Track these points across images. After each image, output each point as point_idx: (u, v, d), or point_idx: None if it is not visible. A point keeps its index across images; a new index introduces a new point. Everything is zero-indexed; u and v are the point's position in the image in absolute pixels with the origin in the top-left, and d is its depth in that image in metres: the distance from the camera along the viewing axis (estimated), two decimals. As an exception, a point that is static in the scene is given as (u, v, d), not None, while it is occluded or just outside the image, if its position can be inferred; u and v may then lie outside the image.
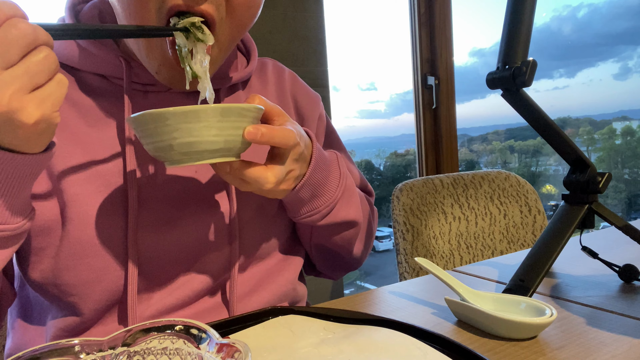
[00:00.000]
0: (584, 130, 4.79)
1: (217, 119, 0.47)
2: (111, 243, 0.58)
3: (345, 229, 0.70)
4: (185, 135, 0.47)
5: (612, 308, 0.59)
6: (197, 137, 0.47)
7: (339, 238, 0.71)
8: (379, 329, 0.51)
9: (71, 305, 0.59)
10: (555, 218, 0.67)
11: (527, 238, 1.32)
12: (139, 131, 0.49)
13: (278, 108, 0.56)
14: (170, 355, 0.36)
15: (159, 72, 0.58)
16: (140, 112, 0.47)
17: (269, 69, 0.76)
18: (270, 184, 0.53)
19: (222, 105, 0.48)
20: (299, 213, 0.65)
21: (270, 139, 0.51)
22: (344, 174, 0.67)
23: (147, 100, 0.63)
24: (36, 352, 0.32)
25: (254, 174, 0.52)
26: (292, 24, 1.63)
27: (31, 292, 0.63)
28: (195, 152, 0.48)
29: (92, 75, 0.62)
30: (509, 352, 0.48)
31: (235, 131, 0.49)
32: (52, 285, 0.58)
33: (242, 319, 0.56)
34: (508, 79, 0.59)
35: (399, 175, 3.81)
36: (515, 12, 0.60)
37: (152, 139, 0.48)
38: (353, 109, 3.83)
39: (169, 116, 0.46)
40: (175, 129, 0.46)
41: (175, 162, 0.49)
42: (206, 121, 0.47)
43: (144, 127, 0.47)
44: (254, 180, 0.52)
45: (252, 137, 0.49)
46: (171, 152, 0.48)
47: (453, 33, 2.03)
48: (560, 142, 0.65)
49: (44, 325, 0.62)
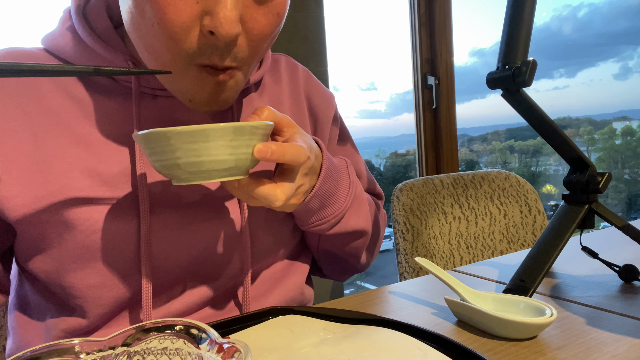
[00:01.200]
0: (584, 130, 4.79)
1: (228, 137, 0.46)
2: (120, 249, 0.56)
3: (354, 239, 0.70)
4: (192, 155, 0.45)
5: (612, 308, 0.59)
6: (205, 157, 0.46)
7: (347, 247, 0.71)
8: (379, 329, 0.51)
9: (76, 308, 0.58)
10: (555, 218, 0.67)
11: (527, 238, 1.32)
12: (145, 148, 0.48)
13: (287, 119, 0.55)
14: (170, 355, 0.36)
15: (192, 100, 0.56)
16: (147, 130, 0.46)
17: (282, 65, 0.74)
18: (280, 202, 0.51)
19: (232, 124, 0.46)
20: (307, 222, 0.64)
21: (280, 157, 0.49)
22: (354, 182, 0.67)
23: (156, 103, 0.61)
24: (36, 352, 0.32)
25: (263, 192, 0.50)
26: (292, 24, 1.63)
27: (29, 291, 0.62)
28: (203, 172, 0.47)
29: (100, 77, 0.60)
30: (509, 352, 0.48)
31: (245, 149, 0.47)
32: (57, 287, 0.58)
33: (242, 319, 0.56)
34: (508, 79, 0.59)
35: (399, 175, 3.81)
36: (515, 12, 0.60)
37: (159, 157, 0.47)
38: (353, 109, 3.83)
39: (173, 135, 0.44)
40: (182, 148, 0.45)
41: (183, 180, 0.48)
42: (214, 141, 0.45)
43: (151, 145, 0.46)
44: (263, 198, 0.51)
45: (262, 155, 0.48)
46: (178, 170, 0.47)
47: (453, 33, 2.04)
48: (560, 142, 0.65)
49: (44, 324, 0.62)
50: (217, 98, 0.55)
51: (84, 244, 0.55)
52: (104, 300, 0.57)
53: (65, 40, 0.60)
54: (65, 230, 0.55)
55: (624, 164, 4.83)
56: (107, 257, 0.56)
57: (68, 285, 0.57)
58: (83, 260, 0.56)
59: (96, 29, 0.60)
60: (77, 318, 0.59)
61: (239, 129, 0.46)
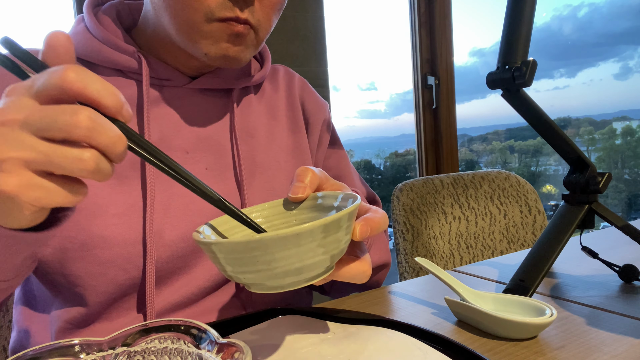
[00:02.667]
0: (584, 130, 4.79)
1: (343, 227, 0.40)
2: (123, 236, 0.58)
3: (376, 272, 0.70)
4: (289, 263, 0.38)
5: (612, 308, 0.59)
6: (302, 262, 0.38)
7: (369, 281, 0.71)
8: (379, 329, 0.51)
9: (77, 297, 0.59)
10: (555, 218, 0.67)
11: (527, 238, 1.32)
12: (225, 259, 0.39)
13: (323, 173, 0.50)
14: (170, 355, 0.36)
15: (208, 54, 0.60)
16: (232, 240, 0.38)
17: (280, 74, 0.79)
18: (368, 276, 0.46)
19: (337, 216, 0.38)
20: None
21: (376, 231, 0.45)
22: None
23: (163, 93, 0.65)
24: (36, 352, 0.32)
25: (351, 273, 0.45)
26: (292, 24, 1.63)
27: (35, 283, 0.63)
28: (301, 281, 0.40)
29: (108, 69, 0.64)
30: (509, 352, 0.48)
31: (347, 237, 0.41)
32: (59, 275, 0.58)
33: (242, 319, 0.56)
34: (508, 79, 0.59)
35: (399, 175, 3.81)
36: (515, 12, 0.60)
37: (245, 268, 0.39)
38: (353, 109, 3.83)
39: (270, 243, 0.36)
40: (278, 256, 0.37)
41: (272, 289, 0.41)
42: (312, 242, 0.38)
43: (236, 257, 0.38)
44: (351, 279, 0.45)
45: (364, 235, 0.43)
46: (275, 280, 0.39)
47: (453, 33, 2.04)
48: (560, 142, 0.65)
49: (49, 316, 0.62)
50: (231, 52, 0.60)
51: (86, 229, 0.56)
52: (102, 287, 0.58)
53: (77, 38, 0.64)
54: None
55: (624, 164, 4.83)
56: (107, 244, 0.57)
57: (69, 274, 0.57)
58: (85, 247, 0.57)
59: (107, 29, 0.65)
60: (79, 307, 0.59)
61: (349, 216, 0.40)
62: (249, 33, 0.60)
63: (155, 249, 0.58)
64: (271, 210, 0.49)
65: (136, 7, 0.71)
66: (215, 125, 0.67)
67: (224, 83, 0.68)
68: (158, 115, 0.64)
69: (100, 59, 0.63)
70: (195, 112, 0.66)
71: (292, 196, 0.47)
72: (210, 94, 0.69)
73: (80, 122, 0.31)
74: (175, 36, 0.61)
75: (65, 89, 0.32)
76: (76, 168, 0.32)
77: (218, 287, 0.65)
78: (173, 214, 0.61)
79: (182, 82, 0.66)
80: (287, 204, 0.49)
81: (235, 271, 0.39)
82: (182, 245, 0.61)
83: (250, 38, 0.61)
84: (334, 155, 0.81)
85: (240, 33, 0.59)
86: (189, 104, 0.66)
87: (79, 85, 0.32)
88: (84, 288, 0.58)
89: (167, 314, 0.61)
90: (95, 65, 0.64)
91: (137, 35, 0.68)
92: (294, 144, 0.74)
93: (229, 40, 0.59)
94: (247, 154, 0.68)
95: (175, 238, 0.60)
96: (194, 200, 0.62)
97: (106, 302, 0.59)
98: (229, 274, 0.40)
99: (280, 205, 0.49)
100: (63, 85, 0.32)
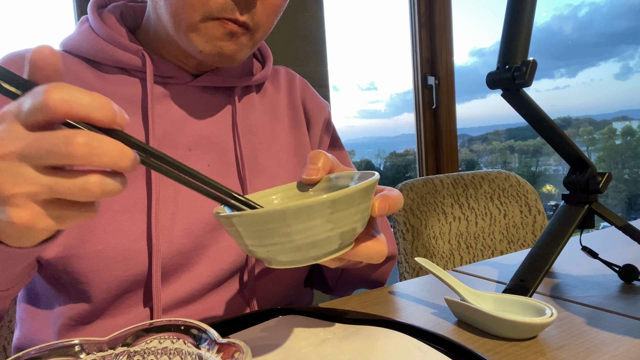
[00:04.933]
0: (584, 130, 4.79)
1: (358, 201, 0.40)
2: (128, 232, 0.58)
3: (381, 264, 0.70)
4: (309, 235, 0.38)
5: (612, 308, 0.59)
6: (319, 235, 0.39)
7: (374, 274, 0.71)
8: (379, 329, 0.51)
9: (81, 294, 0.59)
10: (555, 218, 0.67)
11: (527, 238, 1.32)
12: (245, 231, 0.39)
13: (335, 159, 0.51)
14: (170, 355, 0.36)
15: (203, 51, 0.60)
16: (252, 212, 0.38)
17: (281, 75, 0.80)
18: (384, 256, 0.46)
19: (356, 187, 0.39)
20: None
21: (394, 209, 0.45)
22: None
23: (166, 91, 0.66)
24: (36, 352, 0.32)
25: (368, 252, 0.45)
26: (292, 24, 1.63)
27: (38, 280, 0.63)
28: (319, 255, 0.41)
29: (112, 68, 0.65)
30: (509, 352, 0.48)
31: (367, 212, 0.42)
32: (63, 272, 0.58)
33: (242, 319, 0.56)
34: (508, 79, 0.59)
35: (399, 175, 3.81)
36: (515, 12, 0.60)
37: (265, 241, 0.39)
38: (353, 108, 3.82)
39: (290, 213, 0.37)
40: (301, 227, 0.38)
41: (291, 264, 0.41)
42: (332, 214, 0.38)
43: (255, 229, 0.38)
44: (368, 258, 0.45)
45: (382, 212, 0.44)
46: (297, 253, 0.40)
47: (453, 33, 2.03)
48: (560, 142, 0.65)
49: (52, 313, 0.62)
50: (226, 49, 0.60)
51: (89, 224, 0.57)
52: (105, 284, 0.58)
53: (82, 37, 0.65)
54: None
55: (624, 164, 4.83)
56: (110, 240, 0.57)
57: (73, 271, 0.57)
58: (88, 245, 0.57)
59: (111, 28, 0.66)
60: (83, 304, 0.59)
61: (368, 189, 0.40)
62: (244, 33, 0.60)
63: (161, 244, 0.59)
64: (287, 193, 0.50)
65: (139, 9, 0.72)
66: (218, 123, 0.68)
67: (226, 81, 0.69)
68: (161, 113, 0.64)
69: (104, 58, 0.64)
70: (198, 110, 0.67)
71: (306, 178, 0.48)
72: (213, 92, 0.69)
73: (76, 151, 0.30)
74: (173, 34, 0.62)
75: (51, 113, 0.30)
76: (83, 196, 0.32)
77: (221, 284, 0.65)
78: (177, 209, 0.61)
79: (185, 80, 0.67)
80: (301, 186, 0.50)
81: (254, 244, 0.40)
82: (185, 241, 0.61)
83: (245, 38, 0.61)
84: (335, 155, 0.81)
85: (234, 32, 0.59)
86: (192, 102, 0.67)
87: (64, 106, 0.30)
88: (88, 285, 0.58)
89: (171, 310, 0.61)
90: (100, 64, 0.65)
91: (140, 35, 0.69)
92: (296, 143, 0.74)
93: (223, 38, 0.59)
94: (249, 152, 0.69)
95: (178, 234, 0.61)
96: (197, 196, 0.62)
97: (110, 299, 0.59)
98: (249, 248, 0.41)
99: (295, 187, 0.50)
100: (48, 110, 0.30)
